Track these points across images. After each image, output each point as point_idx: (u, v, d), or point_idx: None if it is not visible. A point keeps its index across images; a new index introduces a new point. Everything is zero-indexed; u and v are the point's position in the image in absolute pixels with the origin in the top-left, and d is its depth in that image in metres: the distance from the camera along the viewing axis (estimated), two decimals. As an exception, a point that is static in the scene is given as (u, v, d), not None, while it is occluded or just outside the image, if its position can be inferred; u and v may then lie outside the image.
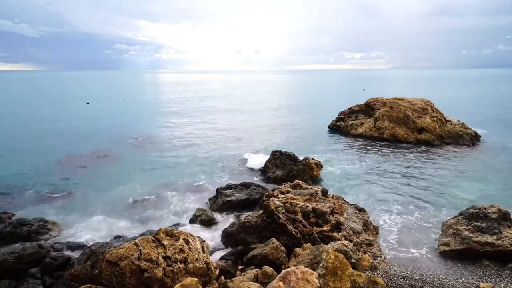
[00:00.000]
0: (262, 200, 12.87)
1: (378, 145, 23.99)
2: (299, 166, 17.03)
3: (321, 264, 6.67)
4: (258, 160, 20.51)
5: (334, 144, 25.19)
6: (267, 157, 19.18)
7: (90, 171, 19.00)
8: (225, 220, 12.85)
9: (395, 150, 22.66)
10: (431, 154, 21.72)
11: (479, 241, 9.76)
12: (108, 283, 6.80)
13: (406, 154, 21.72)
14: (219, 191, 14.81)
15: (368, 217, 12.04)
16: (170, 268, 6.92)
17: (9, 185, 16.53)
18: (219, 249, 10.73)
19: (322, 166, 17.67)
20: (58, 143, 25.76)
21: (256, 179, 17.27)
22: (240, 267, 9.04)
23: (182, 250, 7.34)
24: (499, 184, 16.05)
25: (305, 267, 6.56)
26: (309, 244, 9.12)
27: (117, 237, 11.27)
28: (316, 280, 6.15)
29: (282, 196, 11.95)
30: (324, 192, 12.48)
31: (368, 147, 23.71)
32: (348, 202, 12.91)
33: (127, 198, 14.98)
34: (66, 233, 11.98)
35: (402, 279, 7.76)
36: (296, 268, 6.33)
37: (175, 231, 7.89)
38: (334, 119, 31.20)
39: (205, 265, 7.31)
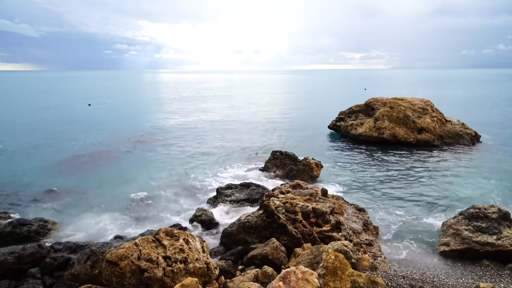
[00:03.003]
0: (262, 200, 12.86)
1: (378, 145, 23.98)
2: (299, 166, 17.04)
3: (321, 264, 6.67)
4: (258, 160, 20.54)
5: (334, 144, 25.20)
6: (267, 157, 19.19)
7: (91, 171, 19.01)
8: (225, 220, 12.85)
9: (395, 150, 22.66)
10: (431, 154, 21.72)
11: (479, 241, 9.76)
12: (108, 283, 6.80)
13: (406, 154, 21.72)
14: (219, 191, 14.82)
15: (368, 217, 12.03)
16: (170, 268, 6.92)
17: (9, 185, 16.53)
18: (219, 249, 10.73)
19: (322, 166, 17.66)
20: (58, 144, 25.77)
21: (256, 179, 17.26)
22: (240, 267, 9.04)
23: (182, 250, 7.34)
24: (499, 184, 16.04)
25: (305, 267, 6.56)
26: (309, 244, 9.12)
27: (117, 237, 11.27)
28: (316, 280, 6.15)
29: (282, 196, 11.94)
30: (324, 192, 12.47)
31: (368, 147, 23.71)
32: (348, 202, 12.91)
33: (127, 198, 14.98)
34: (66, 233, 11.98)
35: (402, 279, 7.76)
36: (296, 268, 6.33)
37: (175, 231, 7.89)
38: (334, 119, 31.17)
39: (205, 265, 7.31)
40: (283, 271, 6.34)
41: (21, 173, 18.53)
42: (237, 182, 16.07)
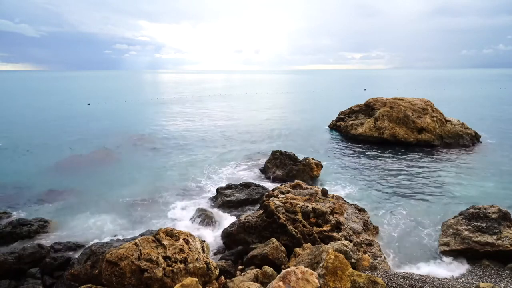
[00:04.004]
0: (262, 200, 12.87)
1: (378, 145, 23.99)
2: (299, 166, 17.03)
3: (321, 264, 6.67)
4: (258, 160, 20.54)
5: (334, 144, 25.19)
6: (267, 157, 19.19)
7: (91, 171, 19.00)
8: (225, 220, 12.85)
9: (395, 150, 22.67)
10: (431, 154, 21.72)
11: (479, 241, 9.76)
12: (108, 283, 6.80)
13: (406, 154, 21.72)
14: (219, 191, 14.82)
15: (368, 217, 12.04)
16: (170, 268, 6.92)
17: (9, 185, 16.53)
18: (219, 249, 10.73)
19: (322, 166, 17.66)
20: (58, 143, 25.77)
21: (256, 179, 17.26)
22: (240, 267, 9.04)
23: (182, 250, 7.34)
24: (499, 184, 16.05)
25: (305, 267, 6.57)
26: (309, 244, 9.13)
27: (117, 237, 11.27)
28: (316, 280, 6.15)
29: (282, 196, 11.95)
30: (324, 192, 12.48)
31: (368, 147, 23.71)
32: (348, 202, 12.92)
33: (127, 198, 14.98)
34: (66, 233, 11.97)
35: (402, 279, 7.76)
36: (296, 268, 6.33)
37: (175, 231, 7.89)
38: (334, 119, 31.21)
39: (205, 265, 7.31)
40: (283, 271, 6.35)
41: (21, 173, 18.53)
42: (237, 182, 16.08)
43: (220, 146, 24.78)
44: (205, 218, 12.46)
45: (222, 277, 7.77)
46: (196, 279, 6.32)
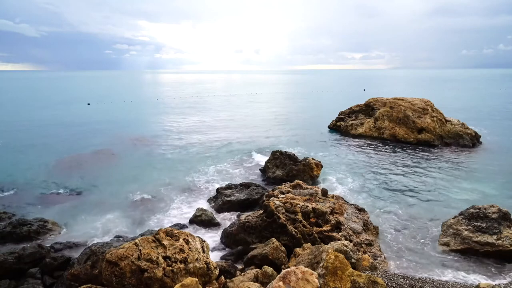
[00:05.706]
0: (262, 200, 12.87)
1: (378, 145, 23.99)
2: (299, 166, 17.03)
3: (321, 264, 6.67)
4: (258, 160, 20.55)
5: (334, 144, 25.19)
6: (267, 157, 19.19)
7: (90, 171, 19.00)
8: (225, 220, 12.86)
9: (395, 150, 22.66)
10: (431, 154, 21.72)
11: (479, 241, 9.77)
12: (108, 283, 6.80)
13: (406, 154, 21.72)
14: (219, 191, 14.82)
15: (368, 217, 12.03)
16: (170, 268, 6.92)
17: (9, 185, 16.53)
18: (219, 249, 10.73)
19: (322, 166, 17.65)
20: (58, 143, 25.77)
21: (256, 179, 17.26)
22: (240, 267, 9.04)
23: (182, 250, 7.34)
24: (499, 184, 16.05)
25: (305, 267, 6.56)
26: (309, 244, 9.13)
27: (117, 237, 11.27)
28: (316, 280, 6.15)
29: (282, 196, 11.95)
30: (324, 192, 12.47)
31: (368, 147, 23.71)
32: (348, 202, 12.91)
33: (127, 198, 14.98)
34: (66, 233, 11.99)
35: (402, 279, 7.76)
36: (296, 268, 6.33)
37: (175, 231, 7.89)
38: (334, 119, 31.20)
39: (205, 265, 7.31)
40: (283, 271, 6.35)
41: (21, 173, 18.53)
42: (237, 182, 16.08)
43: (220, 146, 24.78)
44: (205, 218, 12.46)
45: (222, 277, 7.77)
46: (196, 279, 6.33)
